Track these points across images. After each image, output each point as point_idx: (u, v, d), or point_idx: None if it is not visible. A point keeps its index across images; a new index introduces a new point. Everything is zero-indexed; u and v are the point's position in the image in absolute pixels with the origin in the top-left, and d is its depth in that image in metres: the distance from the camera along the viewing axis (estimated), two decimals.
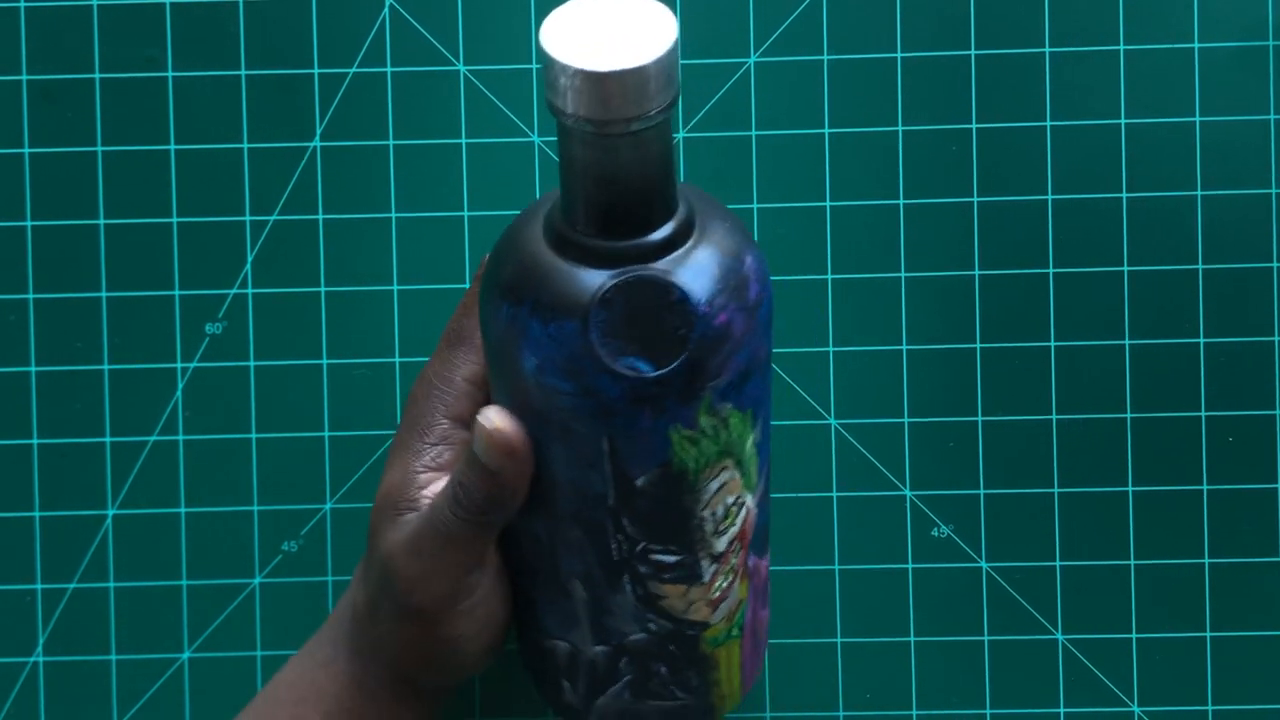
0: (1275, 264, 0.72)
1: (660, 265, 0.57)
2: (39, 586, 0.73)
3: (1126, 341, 0.72)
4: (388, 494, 0.63)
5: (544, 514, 0.61)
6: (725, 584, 0.62)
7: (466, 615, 0.62)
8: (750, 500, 0.61)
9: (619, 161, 0.56)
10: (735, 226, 0.59)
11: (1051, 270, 0.72)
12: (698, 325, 0.57)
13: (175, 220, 0.73)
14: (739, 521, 0.61)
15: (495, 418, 0.59)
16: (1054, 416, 0.73)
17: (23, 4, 0.73)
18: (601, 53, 0.54)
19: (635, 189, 0.56)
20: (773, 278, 0.72)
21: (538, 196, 0.73)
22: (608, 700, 0.63)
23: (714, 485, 0.59)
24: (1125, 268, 0.72)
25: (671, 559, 0.60)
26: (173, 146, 0.73)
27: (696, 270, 0.57)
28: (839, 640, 0.73)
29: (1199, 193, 0.72)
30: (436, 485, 0.63)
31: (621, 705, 0.63)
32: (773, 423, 0.73)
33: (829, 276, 0.73)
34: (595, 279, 0.57)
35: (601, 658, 0.63)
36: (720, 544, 0.61)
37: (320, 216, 0.73)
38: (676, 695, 0.63)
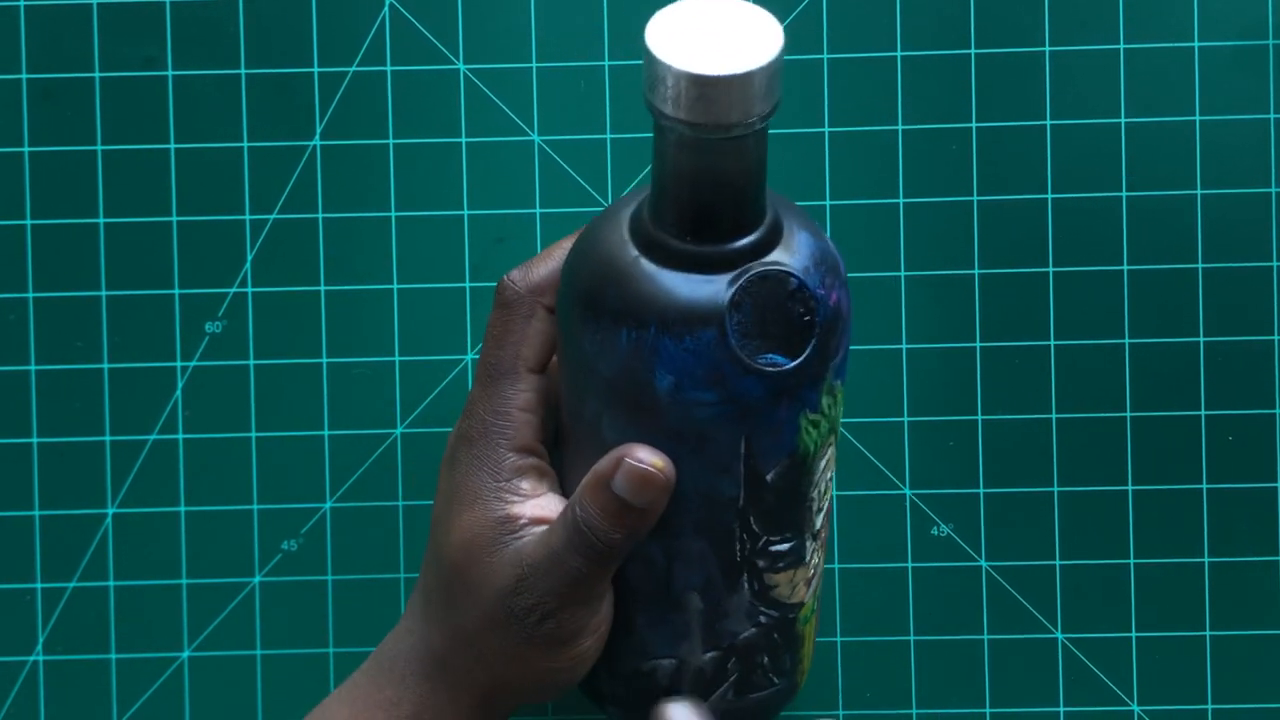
0: (1275, 263, 0.72)
1: (770, 259, 0.57)
2: (39, 585, 0.73)
3: (1126, 341, 0.72)
4: (477, 537, 0.61)
5: (662, 535, 0.60)
6: (818, 560, 0.62)
7: (593, 632, 0.61)
8: (833, 473, 0.62)
9: (725, 165, 0.55)
10: (796, 208, 0.60)
11: (1051, 269, 0.72)
12: (819, 308, 0.57)
13: (175, 219, 0.73)
14: (830, 494, 0.62)
15: (648, 455, 0.58)
16: (1054, 416, 0.73)
17: (23, 4, 0.73)
18: (713, 57, 0.54)
19: (740, 191, 0.56)
20: None
21: (537, 195, 0.73)
22: (711, 704, 0.63)
23: (822, 464, 0.60)
24: (1125, 267, 0.72)
25: (786, 546, 0.60)
26: (172, 146, 0.73)
27: (801, 257, 0.57)
28: (839, 639, 0.73)
29: (1199, 192, 0.72)
30: (527, 511, 0.61)
31: (725, 706, 0.63)
32: None
33: None
34: (716, 286, 0.56)
35: (710, 664, 0.62)
36: (819, 520, 0.61)
37: (320, 215, 0.73)
38: (774, 681, 0.63)
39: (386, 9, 0.73)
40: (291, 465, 0.73)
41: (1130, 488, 0.73)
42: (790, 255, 0.57)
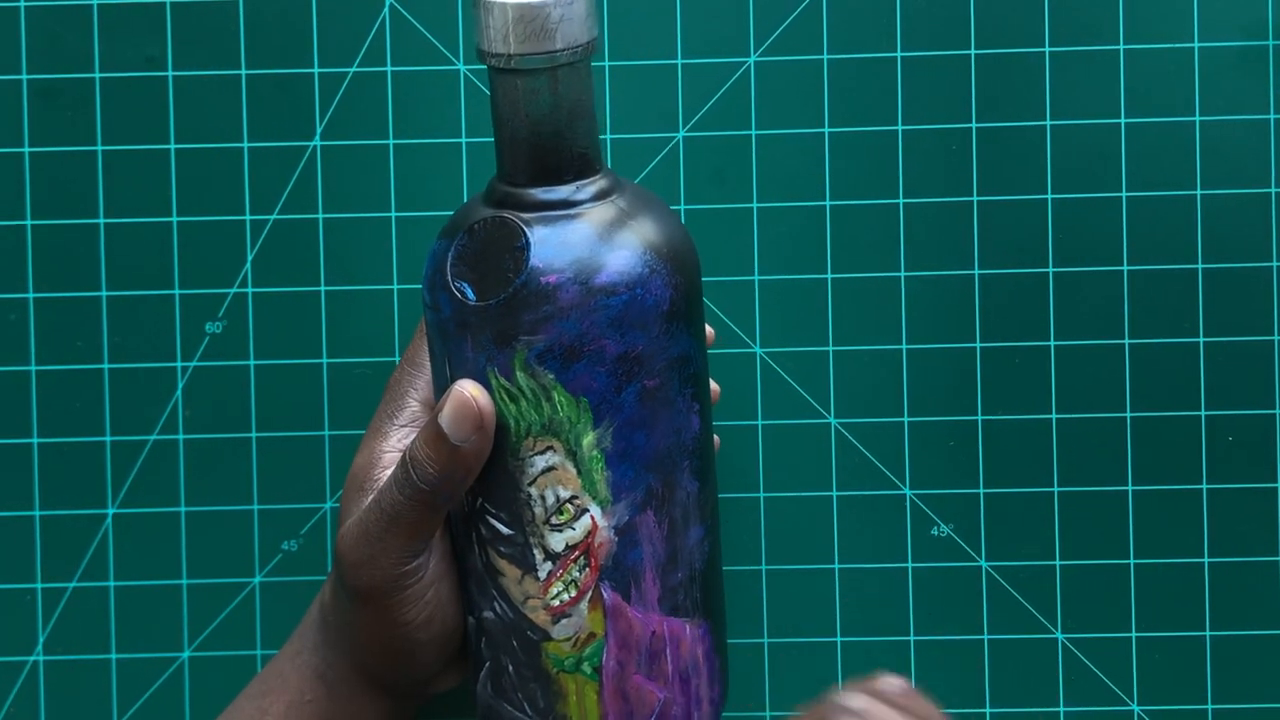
0: (1275, 264, 0.72)
1: (530, 216, 0.61)
2: (39, 585, 0.73)
3: (1126, 341, 0.72)
4: (354, 475, 0.64)
5: None
6: (566, 596, 0.62)
7: (414, 601, 0.62)
8: (598, 514, 0.61)
9: (512, 100, 0.60)
10: (650, 232, 0.61)
11: (1051, 270, 0.72)
12: (524, 274, 0.60)
13: (175, 219, 0.73)
14: (579, 529, 0.61)
15: (470, 386, 0.60)
16: (1054, 416, 0.73)
17: (22, 4, 0.73)
18: None
19: (530, 132, 0.60)
20: (772, 276, 0.72)
21: None
22: (479, 685, 0.64)
23: (539, 462, 0.61)
24: (1125, 267, 0.72)
25: (503, 529, 0.62)
26: (173, 146, 0.73)
27: (557, 232, 0.60)
28: (839, 639, 0.73)
29: (1199, 192, 0.72)
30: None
31: (486, 698, 0.64)
32: (773, 421, 0.73)
33: (829, 276, 0.73)
34: (483, 213, 0.61)
35: (472, 630, 0.64)
36: (555, 541, 0.62)
37: (320, 216, 0.73)
38: (526, 711, 0.63)
39: (386, 9, 0.73)
40: (291, 465, 0.73)
41: (1130, 488, 0.73)
42: (551, 225, 0.61)
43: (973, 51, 0.72)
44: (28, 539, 0.73)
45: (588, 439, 0.61)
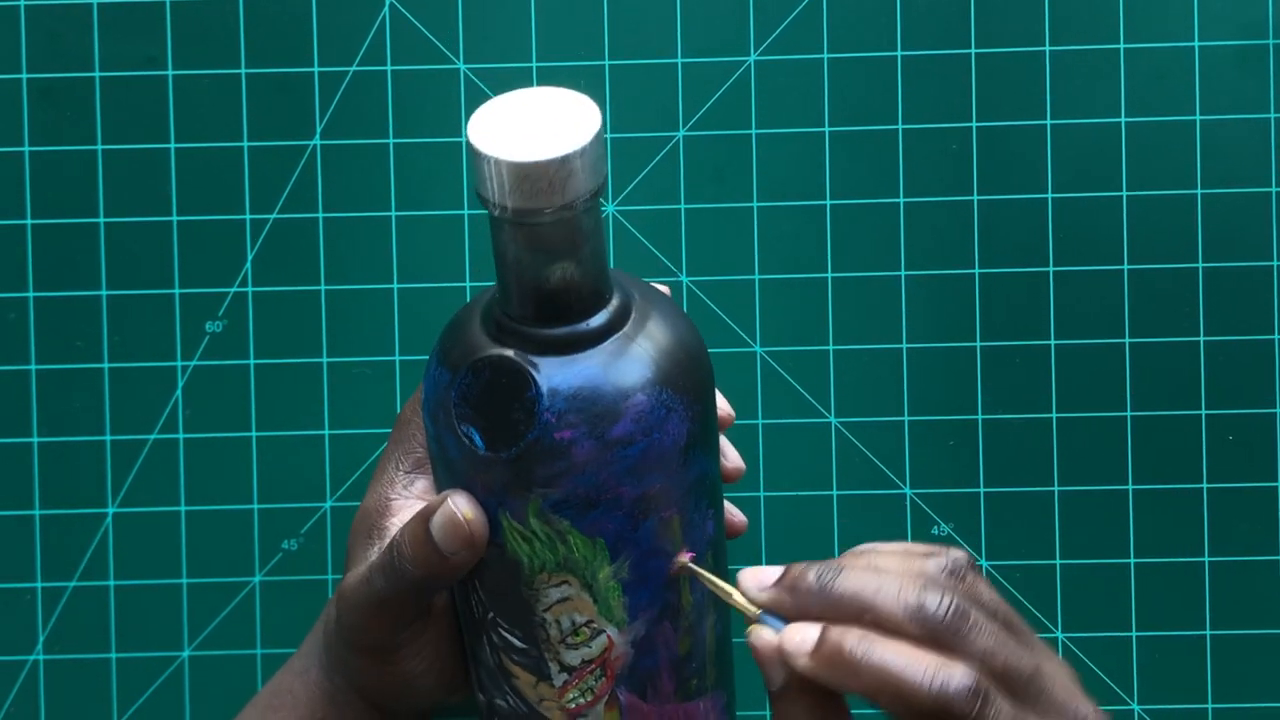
0: (1275, 263, 0.72)
1: (541, 360, 0.57)
2: (39, 585, 0.73)
3: (1126, 340, 0.72)
4: (363, 517, 0.63)
5: None
6: (583, 700, 0.61)
7: (413, 656, 0.62)
8: (614, 633, 0.60)
9: (516, 246, 0.56)
10: (664, 362, 0.58)
11: (1051, 269, 0.72)
12: (536, 429, 0.56)
13: (175, 219, 0.73)
14: (595, 646, 0.60)
15: (465, 504, 0.58)
16: (1054, 415, 0.73)
17: (22, 3, 0.73)
18: (508, 144, 0.55)
19: (535, 279, 0.57)
20: (772, 276, 0.72)
21: None
22: None
23: (554, 594, 0.59)
24: (1125, 266, 0.72)
25: (518, 643, 0.60)
26: (173, 145, 0.73)
27: (568, 378, 0.57)
28: None
29: (1199, 191, 0.72)
30: (405, 514, 0.62)
31: None
32: (773, 420, 0.73)
33: (829, 275, 0.73)
34: (485, 348, 0.58)
35: (484, 709, 0.63)
36: (571, 657, 0.60)
37: (320, 215, 0.73)
38: None
39: (386, 9, 0.73)
40: (291, 465, 0.73)
41: (1130, 488, 0.73)
42: (560, 370, 0.57)
43: (973, 51, 0.72)
44: (28, 539, 0.73)
45: (604, 573, 0.59)
